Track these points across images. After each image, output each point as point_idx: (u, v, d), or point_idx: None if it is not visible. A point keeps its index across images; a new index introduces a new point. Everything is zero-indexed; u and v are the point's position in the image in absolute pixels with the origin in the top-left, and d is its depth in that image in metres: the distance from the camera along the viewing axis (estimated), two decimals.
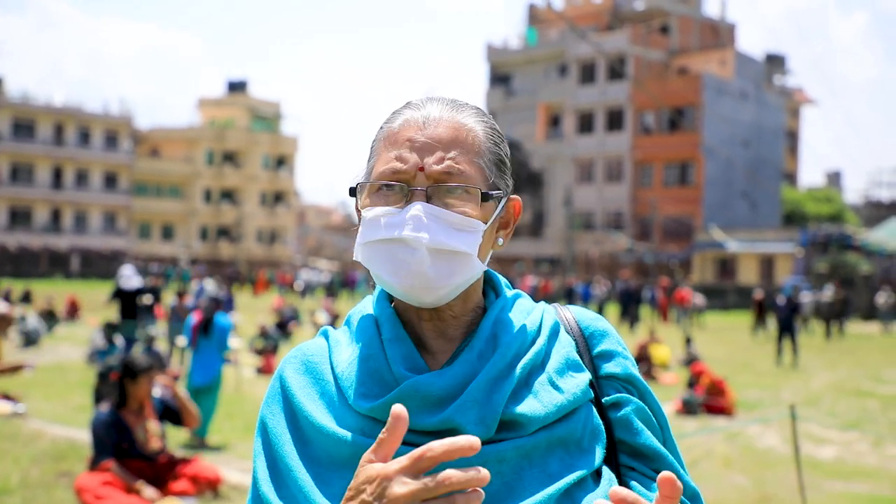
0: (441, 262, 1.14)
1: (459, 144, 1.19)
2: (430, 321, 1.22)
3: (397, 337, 1.19)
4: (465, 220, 1.15)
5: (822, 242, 39.54)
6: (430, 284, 1.14)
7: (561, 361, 1.20)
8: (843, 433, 10.12)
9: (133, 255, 61.00)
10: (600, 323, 1.29)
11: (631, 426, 1.20)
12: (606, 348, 1.26)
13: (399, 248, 1.14)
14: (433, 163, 1.16)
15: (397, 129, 1.21)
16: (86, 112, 61.47)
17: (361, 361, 1.19)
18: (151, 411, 5.80)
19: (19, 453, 7.68)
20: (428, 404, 1.12)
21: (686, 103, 50.35)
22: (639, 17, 57.24)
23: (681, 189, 50.77)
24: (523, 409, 1.13)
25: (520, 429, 1.13)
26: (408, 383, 1.13)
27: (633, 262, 48.80)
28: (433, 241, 1.13)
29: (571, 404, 1.16)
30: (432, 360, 1.21)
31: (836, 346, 22.83)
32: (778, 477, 7.83)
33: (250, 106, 72.33)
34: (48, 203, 59.83)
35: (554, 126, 56.93)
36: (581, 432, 1.16)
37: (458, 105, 1.24)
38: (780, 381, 14.91)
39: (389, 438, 0.93)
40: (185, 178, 66.89)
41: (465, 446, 0.90)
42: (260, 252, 69.02)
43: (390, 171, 1.18)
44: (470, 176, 1.18)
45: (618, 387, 1.23)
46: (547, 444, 1.13)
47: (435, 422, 1.11)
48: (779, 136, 55.87)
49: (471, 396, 1.12)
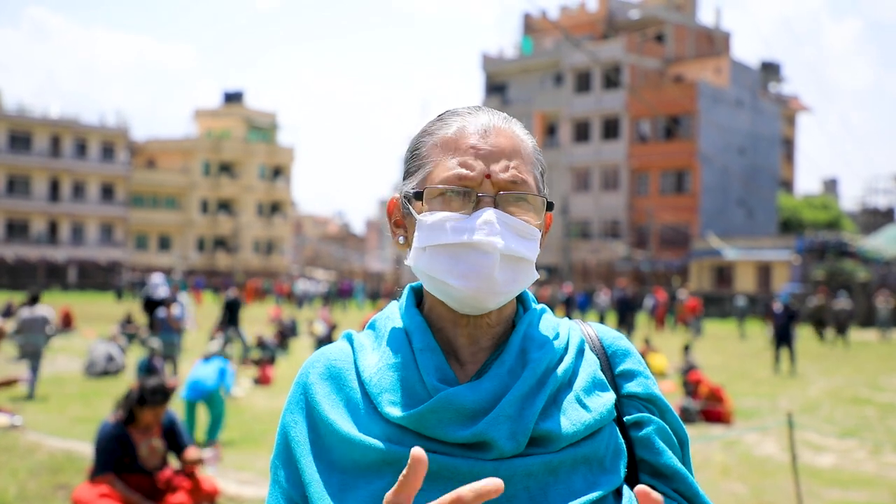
0: (508, 268, 1.17)
1: (519, 155, 1.23)
2: (466, 328, 1.23)
3: (429, 347, 1.20)
4: (528, 227, 1.19)
5: (819, 250, 39.59)
6: (496, 289, 1.16)
7: (588, 380, 1.22)
8: (841, 441, 10.12)
9: (130, 266, 60.95)
10: (622, 342, 1.31)
11: (652, 446, 1.22)
12: (629, 367, 1.28)
13: (471, 252, 1.16)
14: (499, 171, 1.19)
15: (455, 136, 1.23)
16: (82, 124, 61.50)
17: (392, 370, 1.19)
18: (159, 429, 5.80)
19: (16, 465, 7.66)
20: (461, 417, 1.13)
21: (682, 111, 50.47)
22: (634, 25, 57.42)
23: (677, 197, 50.84)
24: (553, 426, 1.15)
25: (548, 445, 1.14)
26: (442, 395, 1.14)
27: (631, 271, 48.81)
28: (506, 248, 1.16)
29: (598, 423, 1.18)
30: (461, 370, 1.22)
31: (834, 354, 22.83)
32: (776, 485, 7.83)
33: (246, 116, 72.41)
34: (45, 215, 59.79)
35: (550, 135, 57.01)
36: (604, 451, 1.18)
37: (507, 117, 1.28)
38: (778, 389, 14.91)
39: (411, 480, 0.92)
40: (181, 188, 66.89)
41: (493, 489, 0.90)
42: (257, 262, 68.98)
43: (456, 176, 1.19)
44: (530, 185, 1.22)
45: (639, 406, 1.25)
46: (573, 461, 1.15)
47: (467, 434, 1.12)
48: (775, 143, 56.00)
49: (503, 411, 1.13)
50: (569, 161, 54.47)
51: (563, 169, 54.35)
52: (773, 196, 55.01)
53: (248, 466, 8.11)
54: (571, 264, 46.68)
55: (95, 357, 14.92)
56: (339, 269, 73.40)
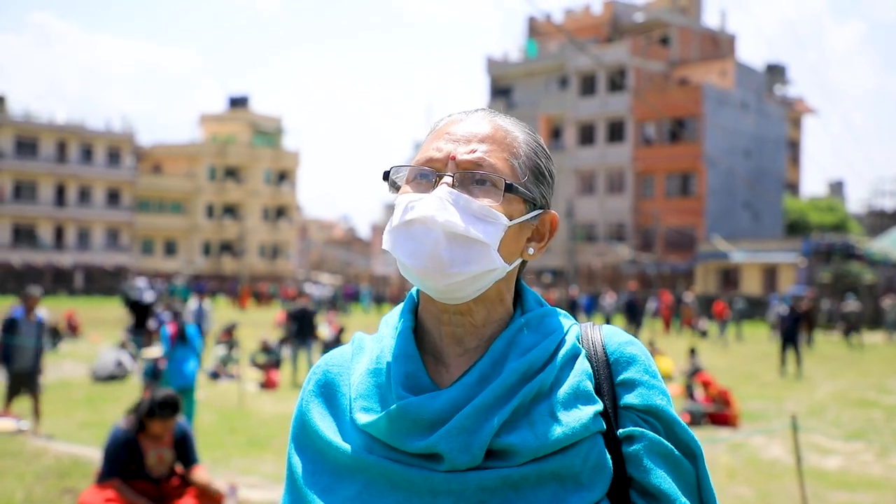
0: (457, 247, 1.14)
1: (495, 141, 1.22)
2: (448, 326, 1.21)
3: (405, 353, 1.19)
4: (485, 209, 1.16)
5: (825, 252, 39.49)
6: (443, 269, 1.13)
7: (569, 391, 1.15)
8: (848, 443, 10.09)
9: (136, 270, 61.07)
10: (630, 348, 1.22)
11: (640, 463, 1.15)
12: (630, 377, 1.20)
13: (419, 228, 1.14)
14: (464, 152, 1.19)
15: (442, 126, 1.26)
16: (88, 129, 61.69)
17: (370, 375, 1.20)
18: (170, 439, 5.80)
19: (23, 470, 7.68)
20: (418, 427, 1.11)
21: (687, 114, 50.42)
22: (638, 28, 57.41)
23: (683, 200, 50.79)
24: (514, 440, 1.11)
25: (509, 458, 1.11)
26: (399, 405, 1.13)
27: (636, 274, 48.76)
28: (448, 223, 1.13)
29: (568, 438, 1.11)
30: (446, 373, 1.20)
31: (841, 356, 22.77)
32: (782, 488, 7.82)
33: (251, 121, 72.58)
34: (51, 220, 59.97)
35: (555, 138, 57.01)
36: (580, 466, 1.12)
37: (505, 116, 1.28)
38: (784, 392, 14.87)
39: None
40: (187, 193, 67.04)
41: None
42: (262, 267, 69.07)
43: (425, 159, 1.21)
44: (500, 170, 1.19)
45: (635, 419, 1.17)
46: (537, 476, 1.10)
47: (421, 445, 1.11)
48: (780, 145, 55.91)
49: (458, 423, 1.10)
50: (574, 164, 54.45)
51: (568, 172, 54.32)
52: (779, 198, 54.91)
53: (254, 470, 8.12)
54: (577, 267, 46.65)
55: (104, 362, 14.96)
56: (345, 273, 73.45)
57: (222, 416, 11.24)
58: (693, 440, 1.19)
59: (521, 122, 1.29)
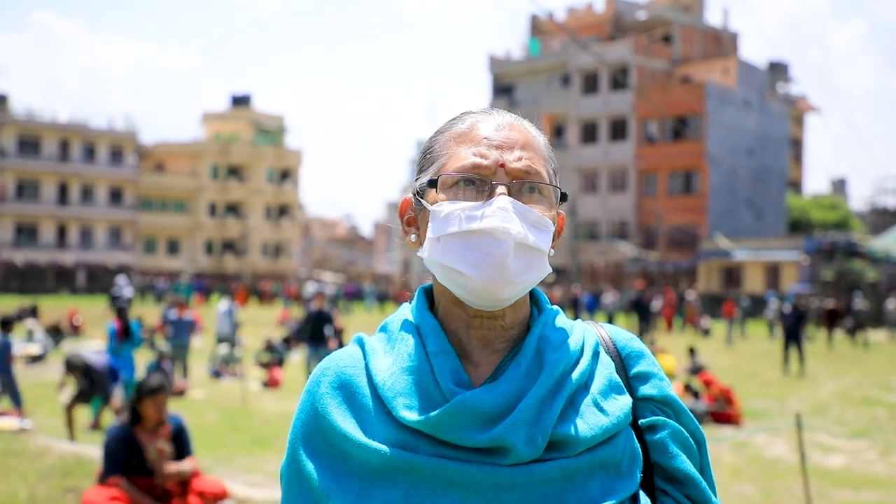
0: (521, 257, 1.15)
1: (532, 147, 1.23)
2: (479, 329, 1.21)
3: (443, 350, 1.19)
4: (542, 218, 1.18)
5: (828, 250, 39.45)
6: (510, 278, 1.14)
7: (604, 383, 1.20)
8: (851, 442, 10.08)
9: (139, 269, 61.13)
10: (636, 343, 1.29)
11: (666, 450, 1.20)
12: (643, 370, 1.25)
13: (484, 239, 1.14)
14: (513, 160, 1.20)
15: (468, 129, 1.24)
16: (91, 128, 61.71)
17: (406, 373, 1.17)
18: (167, 432, 5.81)
19: (26, 469, 7.69)
20: (478, 421, 1.11)
21: (689, 112, 50.37)
22: (641, 26, 57.35)
23: (685, 198, 50.74)
24: (570, 430, 1.13)
25: (566, 449, 1.13)
26: (459, 398, 1.12)
27: (639, 272, 48.74)
28: (520, 235, 1.14)
29: (615, 427, 1.16)
30: (475, 372, 1.20)
31: (844, 355, 22.74)
32: (786, 486, 7.81)
33: (254, 120, 72.57)
34: (54, 219, 60.02)
35: (558, 136, 56.98)
36: (621, 456, 1.16)
37: (518, 117, 1.29)
38: (788, 390, 14.86)
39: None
40: (189, 192, 67.08)
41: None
42: (265, 265, 69.09)
43: (471, 165, 1.20)
44: (544, 177, 1.22)
45: (654, 409, 1.23)
46: (590, 466, 1.13)
47: (484, 439, 1.10)
48: (783, 143, 55.85)
49: (521, 415, 1.11)
50: (576, 162, 54.43)
51: (571, 170, 54.30)
52: (782, 196, 54.85)
53: (258, 469, 8.12)
54: (579, 266, 46.63)
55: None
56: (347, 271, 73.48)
57: (225, 415, 11.25)
58: (699, 429, 1.26)
59: (527, 121, 1.30)
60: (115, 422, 5.81)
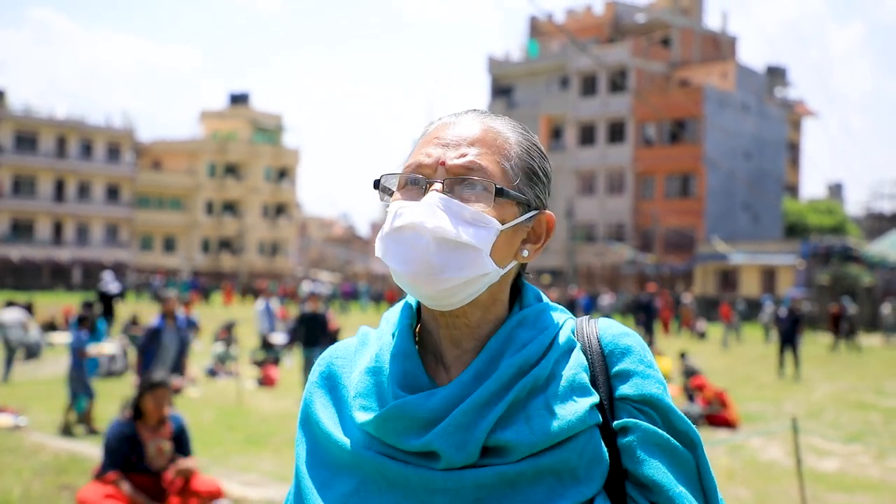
0: (448, 253, 1.12)
1: (486, 144, 1.20)
2: (446, 328, 1.21)
3: (403, 352, 1.19)
4: (476, 214, 1.14)
5: (824, 254, 39.52)
6: (434, 274, 1.12)
7: (565, 384, 1.14)
8: (846, 446, 10.10)
9: (135, 267, 61.06)
10: (625, 339, 1.21)
11: (634, 454, 1.13)
12: (624, 367, 1.18)
13: (409, 235, 1.13)
14: (454, 157, 1.18)
15: (430, 131, 1.25)
16: (88, 125, 61.64)
17: (368, 373, 1.19)
18: (170, 431, 5.82)
19: (21, 466, 7.68)
20: (415, 426, 1.11)
21: (687, 115, 50.44)
22: (640, 29, 57.42)
23: (682, 201, 50.81)
24: (510, 436, 1.10)
25: (506, 455, 1.10)
26: (395, 404, 1.12)
27: (636, 274, 48.77)
28: (438, 229, 1.12)
29: (564, 431, 1.10)
30: (445, 373, 1.20)
31: (839, 359, 22.78)
32: (780, 489, 7.82)
33: (252, 118, 72.52)
34: (50, 215, 59.93)
35: (556, 138, 57.02)
36: (577, 461, 1.11)
37: (496, 116, 1.26)
38: (783, 394, 14.88)
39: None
40: (187, 190, 67.01)
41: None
42: (261, 264, 69.05)
43: (415, 165, 1.20)
44: (491, 174, 1.17)
45: (631, 409, 1.15)
46: (534, 472, 1.10)
47: (418, 444, 1.10)
48: (780, 147, 55.94)
49: (455, 421, 1.10)
50: (574, 164, 54.46)
51: (569, 172, 54.35)
52: (779, 200, 54.94)
53: (253, 468, 8.11)
54: (576, 267, 46.65)
55: (100, 358, 14.95)
56: (344, 271, 73.44)
57: (221, 414, 11.23)
58: (690, 429, 1.17)
59: (514, 122, 1.27)
60: (117, 416, 5.82)
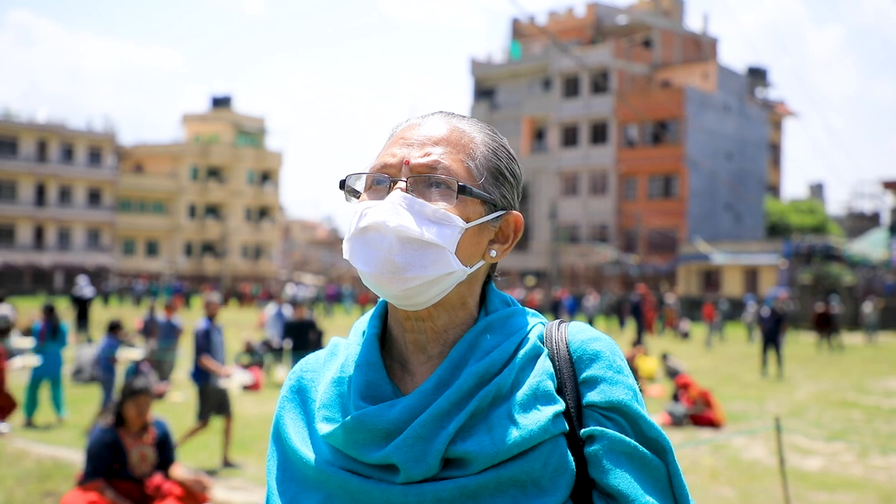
0: (411, 252, 1.11)
1: (451, 143, 1.19)
2: (411, 333, 1.19)
3: (367, 362, 1.17)
4: (439, 212, 1.13)
5: (806, 254, 39.82)
6: (398, 273, 1.11)
7: (528, 392, 1.12)
8: (829, 444, 10.17)
9: (117, 271, 60.67)
10: (595, 344, 1.17)
11: (599, 463, 1.10)
12: (592, 374, 1.15)
13: (373, 235, 1.13)
14: (418, 156, 1.17)
15: (397, 132, 1.25)
16: (69, 128, 61.21)
17: (333, 384, 1.18)
18: (153, 437, 5.79)
19: (4, 473, 7.62)
20: (375, 438, 1.10)
21: (669, 116, 50.69)
22: (621, 31, 57.65)
23: (665, 202, 51.04)
24: (470, 447, 1.08)
25: (466, 467, 1.08)
26: (355, 415, 1.11)
27: (619, 275, 48.94)
28: (400, 227, 1.11)
29: (526, 441, 1.08)
30: (411, 381, 1.18)
31: (821, 358, 22.95)
32: (764, 488, 7.87)
33: (234, 121, 72.26)
34: (31, 220, 59.47)
35: (538, 139, 57.15)
36: (541, 471, 1.08)
37: (463, 117, 1.26)
38: (766, 393, 14.97)
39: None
40: (169, 193, 66.68)
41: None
42: (245, 267, 68.79)
43: (380, 165, 1.20)
44: (454, 172, 1.17)
45: (598, 417, 1.12)
46: (496, 483, 1.07)
47: (376, 457, 1.09)
48: (762, 148, 56.31)
49: (413, 432, 1.08)
50: (557, 166, 54.61)
51: (552, 174, 54.49)
52: (760, 200, 55.29)
53: (238, 473, 8.09)
54: (560, 268, 46.75)
55: (82, 363, 14.87)
56: (328, 273, 73.28)
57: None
58: (660, 435, 1.13)
59: (483, 124, 1.26)
60: (99, 423, 5.79)
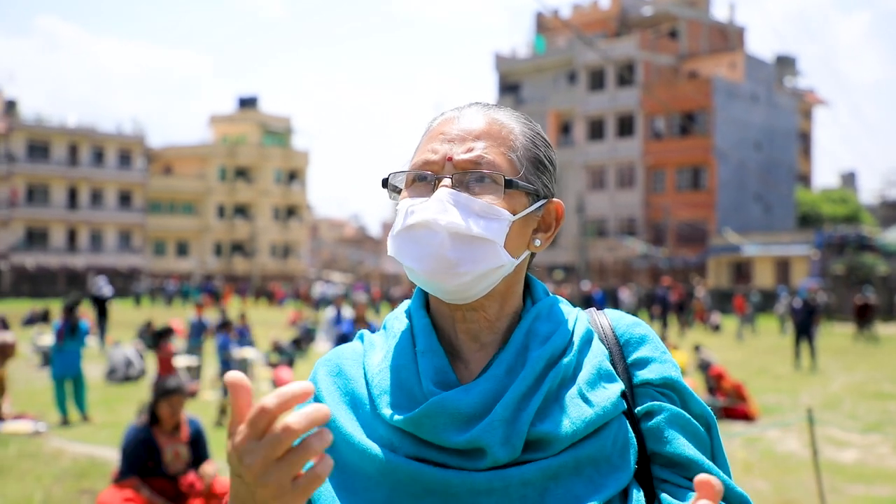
0: (463, 247, 1.13)
1: (491, 137, 1.20)
2: (463, 323, 1.20)
3: (430, 349, 1.18)
4: (487, 206, 1.15)
5: (838, 244, 39.30)
6: (450, 269, 1.13)
7: (592, 372, 1.16)
8: (864, 436, 10.05)
9: (149, 272, 61.32)
10: (638, 329, 1.24)
11: (662, 435, 1.15)
12: (642, 355, 1.21)
13: (422, 232, 1.14)
14: (461, 152, 1.18)
15: (434, 126, 1.25)
16: (99, 132, 61.92)
17: (393, 371, 1.18)
18: (186, 435, 5.86)
19: (41, 472, 7.73)
20: (456, 422, 1.10)
21: (697, 107, 50.24)
22: (647, 22, 57.23)
23: (694, 193, 50.62)
24: (550, 427, 1.10)
25: (547, 448, 1.10)
26: (435, 400, 1.11)
27: (648, 268, 48.64)
28: (451, 224, 1.12)
29: (601, 418, 1.12)
30: (465, 369, 1.19)
31: (855, 349, 22.66)
32: (798, 481, 7.79)
33: (261, 121, 72.70)
34: (64, 223, 60.26)
35: (564, 133, 56.91)
36: (611, 448, 1.12)
37: (499, 108, 1.26)
38: (799, 385, 14.82)
39: (234, 406, 0.89)
40: (198, 194, 67.25)
41: (300, 392, 0.87)
42: (274, 266, 69.23)
43: (422, 162, 1.20)
44: (499, 166, 1.18)
45: (653, 393, 1.18)
46: (575, 463, 1.10)
47: (462, 440, 1.09)
48: (791, 137, 55.65)
49: (498, 415, 1.09)
50: (584, 159, 54.35)
51: (578, 167, 54.24)
52: (791, 191, 54.67)
53: None
54: (588, 262, 46.56)
55: (115, 363, 15.06)
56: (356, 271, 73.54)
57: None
58: (706, 410, 1.20)
59: (517, 112, 1.28)
60: (134, 422, 5.88)
